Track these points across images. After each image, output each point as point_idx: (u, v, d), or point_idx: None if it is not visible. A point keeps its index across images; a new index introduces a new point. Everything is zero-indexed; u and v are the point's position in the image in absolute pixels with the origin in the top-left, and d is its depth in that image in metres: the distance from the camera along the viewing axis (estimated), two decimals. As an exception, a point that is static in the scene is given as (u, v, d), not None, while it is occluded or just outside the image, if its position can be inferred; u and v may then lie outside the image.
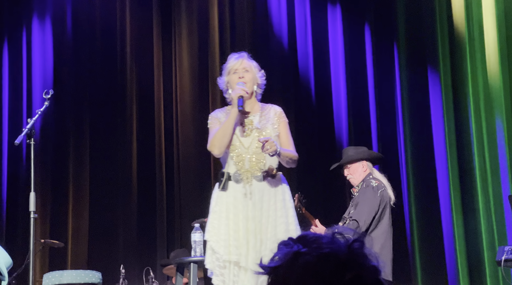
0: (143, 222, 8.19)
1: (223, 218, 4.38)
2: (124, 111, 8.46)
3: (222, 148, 4.43)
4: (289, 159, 4.43)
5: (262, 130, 4.44)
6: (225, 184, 4.42)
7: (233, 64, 4.55)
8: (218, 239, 4.35)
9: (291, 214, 4.46)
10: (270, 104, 4.68)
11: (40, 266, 7.85)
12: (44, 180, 8.12)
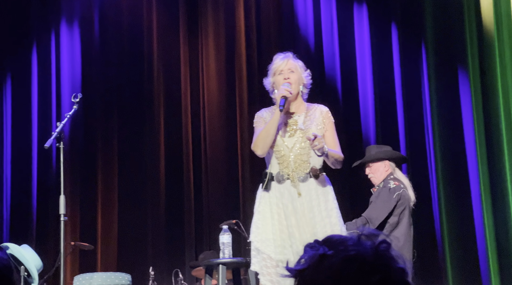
0: (171, 224, 8.21)
1: (268, 218, 4.38)
2: (151, 113, 8.50)
3: (265, 148, 4.42)
4: (335, 159, 4.42)
5: (306, 131, 4.42)
6: (268, 184, 4.42)
7: (279, 65, 4.55)
8: (262, 239, 4.35)
9: (335, 215, 4.44)
10: (316, 104, 4.66)
11: (70, 268, 7.91)
12: (73, 183, 8.19)
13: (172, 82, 8.55)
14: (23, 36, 8.53)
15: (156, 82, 8.56)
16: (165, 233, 8.11)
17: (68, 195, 7.08)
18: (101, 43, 8.60)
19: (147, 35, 8.63)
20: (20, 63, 8.51)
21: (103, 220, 8.22)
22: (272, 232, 4.34)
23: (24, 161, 8.26)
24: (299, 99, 4.57)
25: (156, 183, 8.32)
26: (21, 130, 8.35)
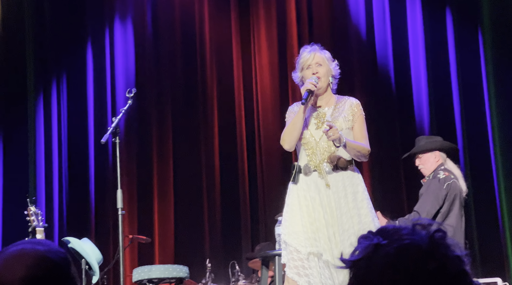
0: (227, 216, 8.25)
1: (296, 211, 4.38)
2: (205, 107, 8.55)
3: (292, 143, 4.43)
4: (358, 151, 4.38)
5: (333, 122, 4.40)
6: (296, 177, 4.43)
7: (306, 59, 4.52)
8: (289, 232, 4.35)
9: (365, 205, 4.41)
10: (347, 96, 4.62)
11: (129, 261, 8.02)
12: (130, 177, 8.29)
13: (225, 76, 8.58)
14: (79, 33, 8.67)
15: (209, 77, 8.60)
16: (221, 226, 8.16)
17: (125, 189, 7.20)
18: (154, 38, 8.68)
19: (199, 29, 8.67)
20: (76, 60, 8.65)
21: (159, 213, 8.31)
22: (301, 224, 4.33)
23: (81, 156, 8.40)
24: (328, 92, 4.55)
25: (211, 176, 8.37)
26: (77, 126, 8.49)
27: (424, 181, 5.52)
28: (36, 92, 8.52)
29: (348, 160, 4.41)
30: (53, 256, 1.33)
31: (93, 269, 5.03)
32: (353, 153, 4.38)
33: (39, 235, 4.91)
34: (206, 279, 6.20)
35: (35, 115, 8.46)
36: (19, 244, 1.36)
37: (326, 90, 4.51)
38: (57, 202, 8.31)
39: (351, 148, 4.34)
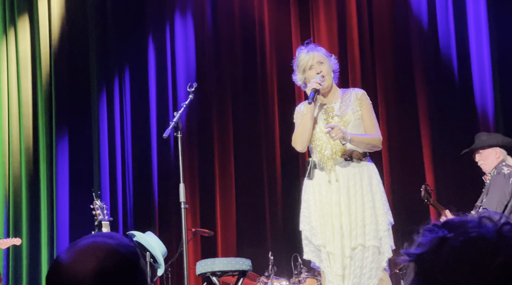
0: (289, 210, 8.26)
1: (312, 206, 4.42)
2: (265, 101, 8.56)
3: (303, 144, 4.50)
4: (367, 144, 4.41)
5: (342, 116, 4.44)
6: (310, 172, 4.47)
7: (306, 60, 4.56)
8: (309, 228, 4.38)
9: (379, 198, 4.41)
10: (351, 88, 4.70)
11: (192, 254, 8.11)
12: (192, 171, 8.38)
13: (285, 70, 8.56)
14: (140, 28, 8.79)
15: (269, 70, 8.61)
16: (283, 218, 8.17)
17: (187, 182, 7.26)
18: (214, 33, 8.74)
19: (258, 24, 8.69)
20: (137, 55, 8.77)
21: (221, 206, 8.37)
22: (315, 219, 4.36)
23: (144, 150, 8.51)
24: (333, 87, 4.60)
25: (272, 168, 8.38)
26: (140, 121, 8.61)
27: (486, 177, 5.44)
28: (99, 87, 8.68)
29: (362, 152, 4.42)
30: (123, 249, 1.37)
31: (158, 262, 5.11)
32: (362, 146, 4.40)
33: (105, 229, 5.01)
34: (268, 272, 6.22)
35: (99, 111, 8.62)
36: (90, 237, 1.40)
37: (331, 86, 4.57)
38: (121, 196, 8.45)
39: (358, 142, 4.36)
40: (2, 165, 8.45)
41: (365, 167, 4.44)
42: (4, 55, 8.66)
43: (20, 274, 8.25)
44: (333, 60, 4.63)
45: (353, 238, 4.30)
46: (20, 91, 8.59)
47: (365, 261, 4.30)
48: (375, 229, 4.33)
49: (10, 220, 8.32)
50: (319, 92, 4.48)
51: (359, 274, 4.27)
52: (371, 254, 4.32)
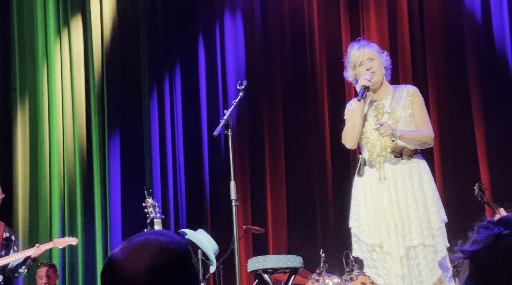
0: (340, 206, 8.22)
1: (362, 203, 4.40)
2: (315, 98, 8.53)
3: (353, 141, 4.49)
4: (417, 140, 4.38)
5: (392, 113, 4.40)
6: (360, 169, 4.45)
7: (356, 57, 4.55)
8: (359, 225, 4.36)
9: (430, 196, 4.36)
10: (403, 85, 4.66)
11: (244, 251, 8.13)
12: (242, 169, 8.40)
13: (335, 67, 8.53)
14: (190, 26, 8.85)
15: (319, 68, 8.58)
16: (334, 215, 8.13)
17: (238, 180, 7.28)
18: (263, 30, 8.74)
19: (308, 20, 8.66)
20: (187, 52, 8.83)
21: (272, 204, 8.38)
22: (366, 217, 4.33)
23: (195, 148, 8.57)
24: (384, 84, 4.57)
25: (322, 165, 8.36)
26: (190, 118, 8.67)
27: None
28: (150, 87, 8.77)
29: (413, 150, 4.38)
30: (175, 247, 1.38)
31: (211, 259, 5.14)
32: (413, 143, 4.37)
33: (157, 226, 5.06)
34: (320, 269, 6.20)
35: (150, 110, 8.71)
36: (143, 235, 1.41)
37: (382, 83, 4.52)
38: (172, 194, 8.52)
39: (408, 139, 4.33)
40: (57, 164, 8.60)
41: (416, 164, 4.40)
42: (58, 55, 8.81)
43: (76, 271, 8.40)
44: (385, 57, 4.61)
45: (407, 236, 4.26)
46: (73, 91, 8.74)
47: (423, 260, 4.26)
48: (428, 227, 4.29)
49: (66, 217, 8.47)
50: (369, 89, 4.46)
51: (417, 274, 4.23)
52: (427, 253, 4.27)
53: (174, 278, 1.34)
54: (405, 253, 4.26)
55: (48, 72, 8.78)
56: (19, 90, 8.73)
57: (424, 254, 4.27)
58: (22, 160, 8.58)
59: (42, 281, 7.09)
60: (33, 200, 8.52)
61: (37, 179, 8.54)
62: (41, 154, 8.61)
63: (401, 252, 4.26)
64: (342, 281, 6.10)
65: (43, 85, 8.72)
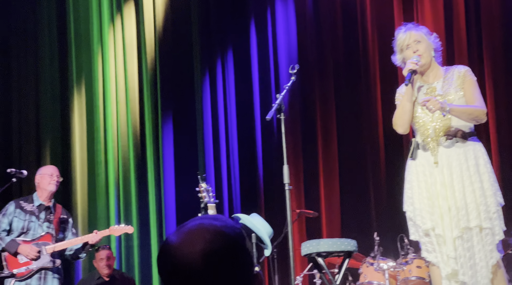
0: (393, 189, 8.16)
1: (415, 187, 4.35)
2: (368, 82, 8.46)
3: (405, 126, 4.44)
4: (469, 114, 4.29)
5: (445, 95, 4.34)
6: (414, 153, 4.40)
7: (403, 40, 4.51)
8: (413, 209, 4.31)
9: (487, 178, 4.28)
10: (454, 65, 4.56)
11: (297, 235, 8.14)
12: (295, 153, 8.40)
13: (387, 51, 8.39)
14: (242, 12, 8.85)
15: (371, 51, 8.49)
16: (388, 198, 8.06)
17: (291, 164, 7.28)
18: (315, 14, 8.69)
19: (360, 4, 8.57)
20: (239, 38, 8.84)
21: (325, 187, 8.36)
22: (419, 201, 4.28)
23: (248, 133, 8.59)
24: (434, 66, 4.49)
25: (376, 149, 8.29)
26: (243, 103, 8.69)
27: None
28: (203, 71, 8.82)
29: (468, 132, 4.31)
30: (229, 231, 1.39)
31: (265, 243, 5.15)
32: (464, 117, 4.29)
33: (211, 211, 5.09)
34: (374, 252, 6.17)
35: (202, 94, 8.76)
36: (197, 219, 1.43)
37: (430, 65, 4.47)
38: (226, 179, 8.57)
39: (459, 112, 4.27)
40: (112, 150, 8.73)
41: (471, 146, 4.34)
42: (111, 42, 8.93)
43: (131, 255, 8.53)
44: (433, 38, 4.53)
45: (463, 218, 4.21)
46: (126, 77, 8.84)
47: (478, 243, 4.21)
48: (485, 210, 4.23)
49: (121, 202, 8.60)
50: (416, 73, 4.41)
51: (472, 257, 4.18)
52: (485, 236, 4.22)
53: (229, 261, 1.36)
54: (459, 234, 4.21)
55: (103, 59, 8.90)
56: (76, 78, 8.88)
57: (480, 237, 4.22)
58: (80, 146, 8.74)
59: (103, 263, 7.23)
60: (91, 185, 8.67)
61: (94, 165, 8.68)
62: (97, 140, 8.75)
63: (455, 233, 4.21)
64: (397, 265, 6.06)
65: (98, 72, 8.85)
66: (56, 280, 5.98)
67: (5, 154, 8.61)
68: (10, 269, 5.84)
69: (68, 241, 6.07)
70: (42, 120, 8.80)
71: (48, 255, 5.91)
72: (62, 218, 6.16)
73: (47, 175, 6.10)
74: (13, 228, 5.94)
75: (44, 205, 6.04)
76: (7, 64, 8.91)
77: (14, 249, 5.82)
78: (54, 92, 8.88)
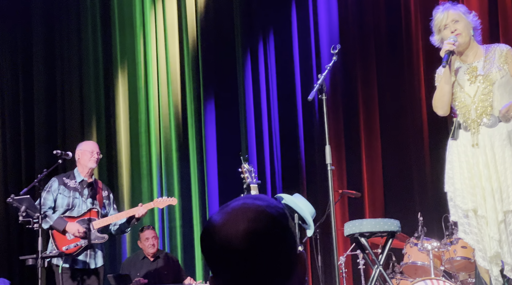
0: (437, 168, 8.08)
1: (456, 167, 4.29)
2: (410, 62, 8.37)
3: (444, 108, 4.38)
4: None
5: (486, 75, 4.25)
6: (455, 133, 4.34)
7: (440, 20, 4.42)
8: (454, 189, 4.25)
9: None
10: (495, 44, 4.46)
11: (340, 215, 8.13)
12: (337, 133, 8.36)
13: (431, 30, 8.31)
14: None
15: (414, 31, 8.38)
16: (431, 178, 7.99)
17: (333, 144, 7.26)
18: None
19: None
20: (280, 18, 8.80)
21: (367, 167, 8.32)
22: (460, 181, 4.21)
23: (290, 113, 8.58)
24: (473, 45, 4.41)
25: (418, 129, 8.21)
26: (285, 84, 8.67)
27: None
28: (244, 52, 8.81)
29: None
30: (272, 210, 1.38)
31: (308, 223, 5.15)
32: None
33: (253, 192, 5.10)
34: (418, 233, 6.13)
35: (244, 75, 8.76)
36: (240, 199, 1.42)
37: (469, 44, 4.39)
38: (268, 159, 8.58)
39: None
40: (154, 131, 8.80)
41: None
42: (152, 24, 8.97)
43: (174, 236, 8.62)
44: (472, 17, 4.45)
45: (505, 201, 4.16)
46: (168, 58, 8.89)
47: None
48: None
49: (163, 183, 8.68)
50: (453, 54, 4.34)
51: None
52: None
53: (272, 241, 1.35)
54: (503, 218, 4.16)
55: (145, 41, 8.96)
56: (120, 60, 8.96)
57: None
58: (124, 128, 8.83)
59: (148, 243, 7.32)
60: (135, 167, 8.77)
61: (138, 147, 8.77)
62: (140, 122, 8.83)
63: (500, 217, 4.16)
64: (441, 245, 6.02)
65: (141, 54, 8.92)
66: (100, 257, 6.06)
67: (50, 136, 8.74)
68: (59, 246, 5.91)
69: (114, 215, 6.12)
70: (86, 103, 8.91)
71: (96, 231, 5.98)
72: (104, 194, 6.22)
73: (87, 151, 6.15)
74: (57, 205, 6.00)
75: (86, 181, 6.10)
76: (52, 49, 9.02)
77: (62, 226, 5.88)
78: (98, 75, 8.98)
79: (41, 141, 8.67)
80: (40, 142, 8.66)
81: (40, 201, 5.82)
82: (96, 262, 6.02)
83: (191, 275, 7.99)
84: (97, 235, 5.98)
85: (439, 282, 5.50)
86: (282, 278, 1.37)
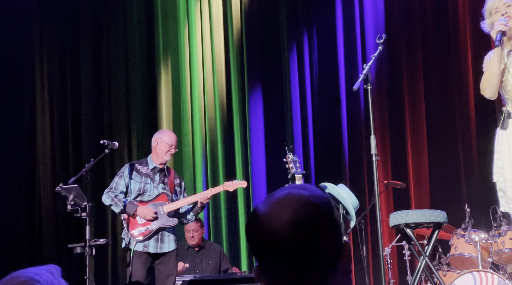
0: (485, 158, 7.97)
1: (506, 157, 4.18)
2: (458, 52, 8.27)
3: (493, 90, 4.25)
4: None
5: None
6: (504, 122, 4.22)
7: (492, 3, 4.36)
8: (504, 180, 4.16)
9: None
10: None
11: (385, 206, 8.08)
12: (382, 123, 8.30)
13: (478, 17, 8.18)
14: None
15: (461, 21, 8.28)
16: (479, 168, 7.88)
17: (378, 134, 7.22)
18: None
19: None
20: (325, 8, 8.76)
21: (413, 158, 8.24)
22: (510, 171, 4.10)
23: (334, 104, 8.54)
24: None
25: (466, 118, 8.12)
26: (329, 74, 8.64)
27: None
28: (289, 41, 8.80)
29: None
30: (317, 200, 1.38)
31: (350, 214, 5.13)
32: None
33: (298, 182, 5.10)
34: (465, 224, 6.06)
35: (289, 66, 8.75)
36: (285, 189, 1.43)
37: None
38: (312, 149, 8.56)
39: None
40: (199, 121, 8.84)
41: None
42: (198, 14, 9.01)
43: (219, 226, 8.66)
44: None
45: None
46: (213, 48, 8.91)
47: None
48: None
49: (208, 174, 8.72)
50: (505, 34, 4.25)
51: None
52: None
53: (317, 231, 1.35)
54: None
55: (189, 32, 9.00)
56: (162, 50, 9.02)
57: None
58: (166, 118, 8.89)
59: (189, 235, 7.38)
60: (177, 156, 8.82)
61: (181, 136, 8.82)
62: (184, 111, 8.88)
63: None
64: (489, 237, 5.94)
65: (185, 44, 8.96)
66: (173, 241, 6.07)
67: (97, 126, 8.85)
68: (131, 229, 5.97)
69: (184, 199, 6.13)
70: (131, 93, 8.99)
71: (166, 215, 6.02)
72: (176, 181, 6.25)
73: (167, 144, 6.13)
74: (130, 190, 6.05)
75: (158, 168, 6.15)
76: (98, 40, 9.11)
77: (132, 210, 5.93)
78: (142, 65, 9.05)
79: (88, 131, 8.78)
80: (87, 132, 8.78)
81: (112, 185, 5.98)
82: (169, 246, 6.04)
83: (236, 265, 8.03)
84: (168, 218, 6.01)
85: (487, 274, 5.44)
86: (327, 267, 1.37)
